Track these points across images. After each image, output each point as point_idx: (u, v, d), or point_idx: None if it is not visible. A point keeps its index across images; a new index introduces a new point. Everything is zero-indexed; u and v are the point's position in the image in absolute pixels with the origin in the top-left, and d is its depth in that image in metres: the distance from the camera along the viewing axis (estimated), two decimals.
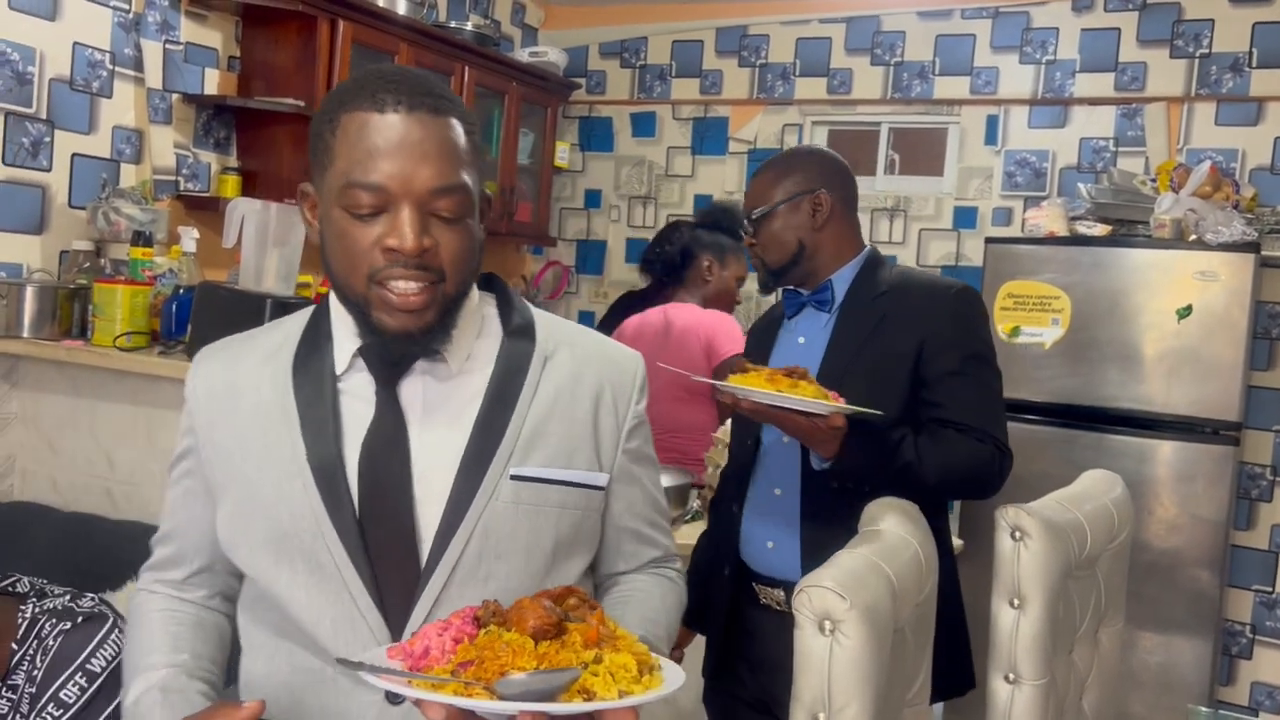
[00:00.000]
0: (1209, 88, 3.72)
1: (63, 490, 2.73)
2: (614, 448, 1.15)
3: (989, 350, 1.86)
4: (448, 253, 1.04)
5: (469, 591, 1.05)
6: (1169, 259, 3.20)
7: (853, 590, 1.22)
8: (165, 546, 1.22)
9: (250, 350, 1.17)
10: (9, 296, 2.60)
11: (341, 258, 1.05)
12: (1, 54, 2.69)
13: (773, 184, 1.93)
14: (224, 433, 1.13)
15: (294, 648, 1.10)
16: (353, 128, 1.02)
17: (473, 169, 1.06)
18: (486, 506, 1.06)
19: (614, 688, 0.84)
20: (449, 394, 1.10)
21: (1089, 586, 1.99)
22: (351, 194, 1.02)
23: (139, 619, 1.20)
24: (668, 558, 1.26)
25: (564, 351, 1.15)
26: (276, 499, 1.08)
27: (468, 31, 3.94)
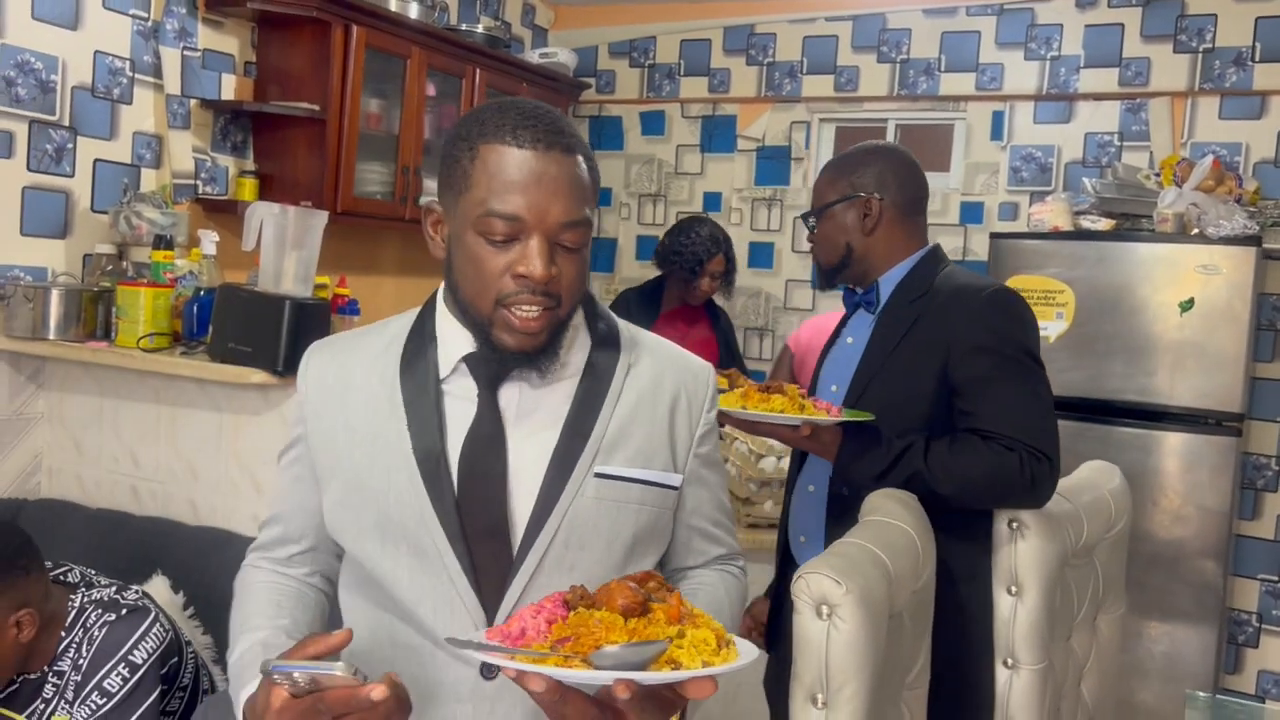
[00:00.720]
0: (1212, 82, 3.75)
1: (88, 487, 2.81)
2: (687, 451, 1.24)
3: (1023, 353, 1.78)
4: (567, 280, 1.13)
5: (555, 578, 1.13)
6: (1172, 253, 3.24)
7: (848, 576, 1.28)
8: (273, 528, 1.31)
9: (359, 347, 1.26)
10: (35, 299, 2.67)
11: (473, 279, 1.13)
12: (25, 63, 2.76)
13: (830, 184, 1.95)
14: (332, 423, 1.21)
15: (395, 624, 1.18)
16: (492, 159, 1.11)
17: (594, 203, 1.17)
18: (573, 501, 1.15)
19: (698, 658, 0.90)
20: (542, 398, 1.18)
21: (1087, 574, 2.04)
22: (488, 222, 1.10)
23: (245, 589, 1.28)
24: (732, 555, 1.33)
25: (646, 360, 1.24)
26: (384, 488, 1.16)
27: (478, 34, 4.00)
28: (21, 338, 2.68)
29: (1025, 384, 1.77)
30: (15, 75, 2.74)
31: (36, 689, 1.81)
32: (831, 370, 2.02)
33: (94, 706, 1.74)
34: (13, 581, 1.73)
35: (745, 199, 4.56)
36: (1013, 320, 1.81)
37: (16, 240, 2.78)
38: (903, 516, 1.61)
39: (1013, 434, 1.72)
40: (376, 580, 1.18)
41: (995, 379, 1.75)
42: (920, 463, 1.73)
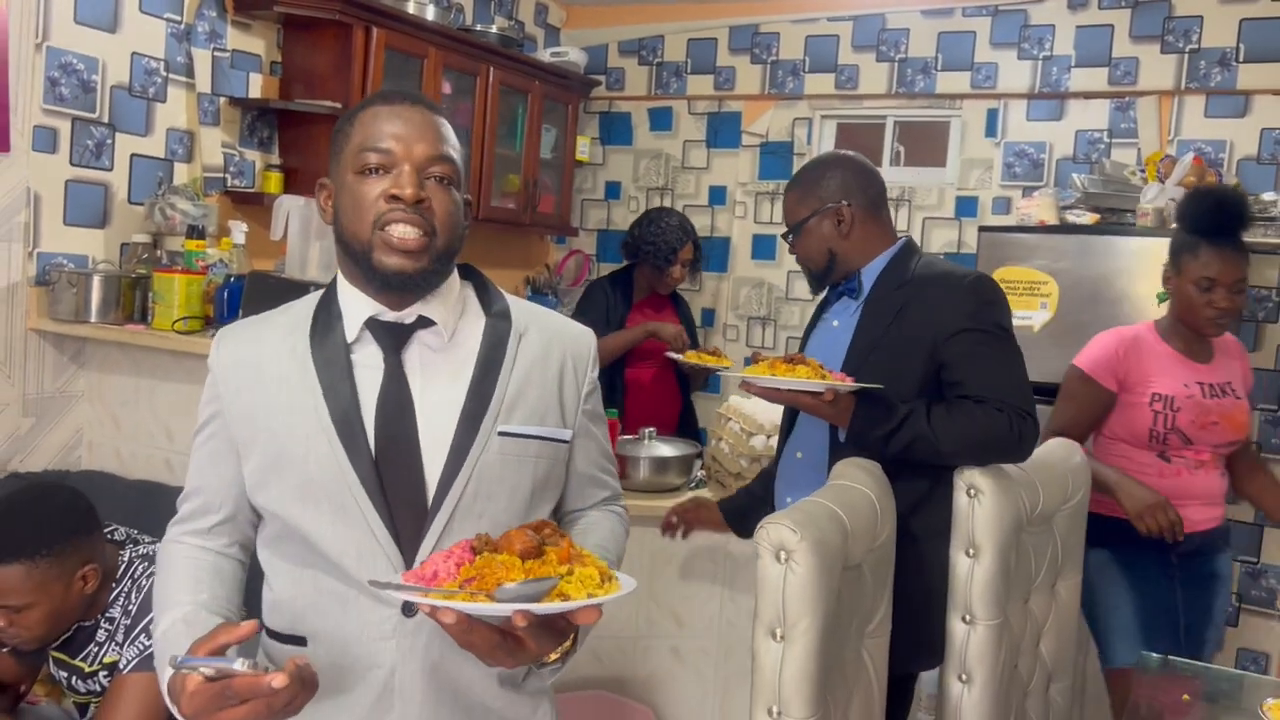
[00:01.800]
0: (1198, 81, 3.89)
1: (125, 460, 3.01)
2: (575, 409, 1.40)
3: (1002, 330, 2.01)
4: (439, 209, 1.28)
5: (466, 526, 1.27)
6: (1151, 246, 3.38)
7: (805, 526, 1.46)
8: (192, 501, 1.41)
9: (267, 328, 1.38)
10: (77, 285, 2.87)
11: (351, 210, 1.28)
12: (68, 64, 2.96)
13: (799, 202, 2.15)
14: (248, 397, 1.33)
15: (318, 574, 1.30)
16: (368, 116, 1.30)
17: (459, 157, 1.32)
18: (480, 456, 1.29)
19: (583, 591, 1.07)
20: (442, 362, 1.33)
21: (1045, 541, 2.21)
22: (363, 156, 1.27)
23: (166, 565, 1.38)
24: (615, 497, 1.51)
25: (534, 330, 1.38)
26: (304, 454, 1.28)
27: (492, 34, 4.17)
28: (65, 320, 2.89)
29: (1006, 355, 2.01)
30: (59, 76, 2.94)
31: (90, 635, 2.01)
32: (817, 352, 2.19)
33: (141, 647, 1.94)
34: (81, 541, 1.93)
35: (749, 193, 4.73)
36: (991, 303, 2.03)
37: (60, 230, 2.99)
38: (865, 481, 1.78)
39: (1001, 397, 1.94)
40: (301, 537, 1.29)
41: (980, 353, 1.98)
42: (924, 424, 1.93)
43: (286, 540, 1.32)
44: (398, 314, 1.31)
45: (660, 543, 2.77)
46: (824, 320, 2.23)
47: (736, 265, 4.76)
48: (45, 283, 2.93)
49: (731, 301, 4.78)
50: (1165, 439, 2.57)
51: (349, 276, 1.34)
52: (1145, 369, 2.61)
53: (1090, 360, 2.68)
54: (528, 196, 4.43)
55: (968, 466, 1.96)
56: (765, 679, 1.46)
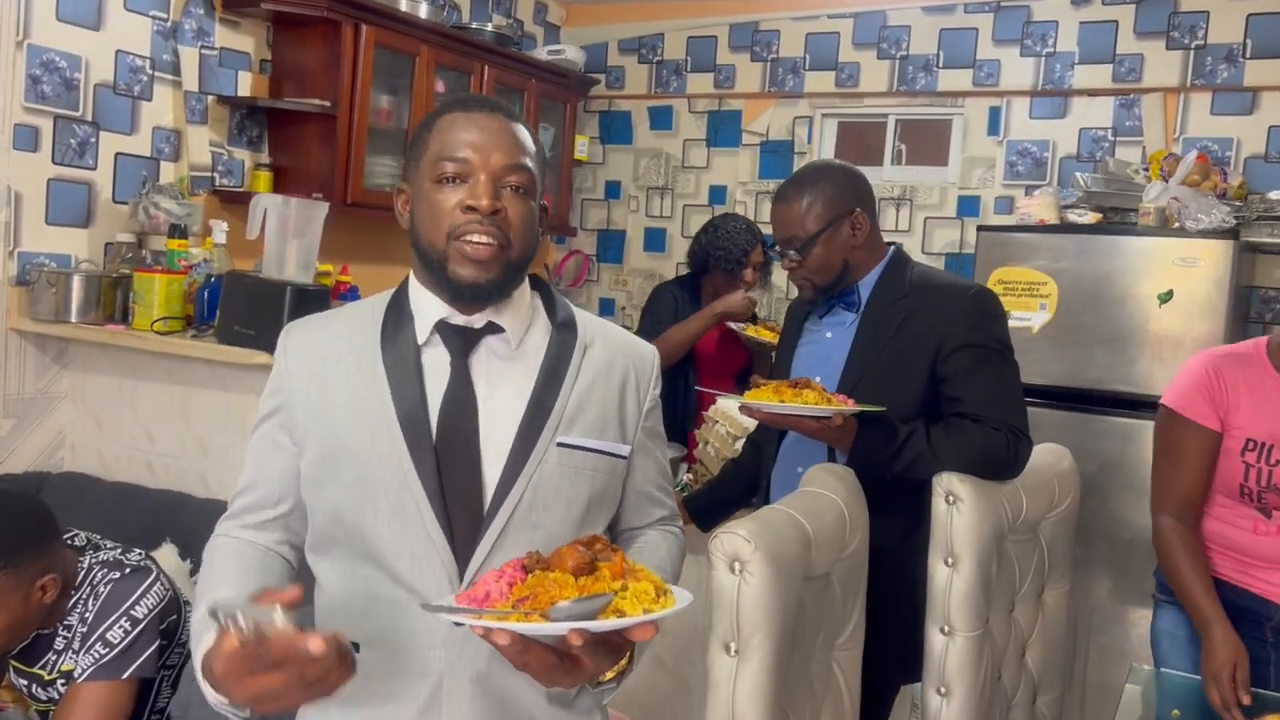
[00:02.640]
0: (1204, 78, 3.81)
1: (107, 462, 2.99)
2: (635, 425, 1.38)
3: (1003, 345, 2.00)
4: (514, 218, 1.27)
5: (521, 535, 1.25)
6: (1152, 246, 3.31)
7: (760, 536, 1.40)
8: (247, 495, 1.38)
9: (336, 324, 1.38)
10: (57, 285, 2.84)
11: (428, 220, 1.28)
12: (50, 62, 2.94)
13: (810, 210, 2.04)
14: (314, 390, 1.32)
15: (370, 575, 1.28)
16: (445, 123, 1.30)
17: (537, 165, 1.32)
18: (538, 467, 1.27)
19: (639, 607, 1.04)
20: (508, 369, 1.32)
21: (1030, 549, 2.15)
22: (440, 166, 1.27)
23: (212, 556, 1.36)
24: (672, 517, 1.48)
25: (599, 343, 1.38)
26: (368, 448, 1.27)
27: (488, 32, 4.13)
28: (45, 320, 2.87)
29: (1005, 373, 1.99)
30: (41, 74, 2.91)
31: (49, 643, 1.98)
32: (810, 363, 2.13)
33: (97, 655, 1.90)
34: (39, 551, 1.89)
35: (749, 192, 4.67)
36: (993, 317, 2.01)
37: (42, 229, 2.96)
38: (835, 488, 1.73)
39: (999, 417, 1.93)
40: (356, 535, 1.27)
41: (980, 370, 1.95)
42: (924, 445, 1.91)
43: (339, 540, 1.31)
44: (468, 318, 1.31)
45: None
46: (814, 332, 2.17)
47: None
48: (25, 283, 2.91)
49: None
50: (1261, 497, 2.06)
51: (422, 279, 1.34)
52: (1240, 401, 2.07)
53: (1178, 395, 2.15)
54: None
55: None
56: (719, 696, 1.40)
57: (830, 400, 1.87)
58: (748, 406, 1.89)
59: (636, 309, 4.94)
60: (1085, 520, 3.28)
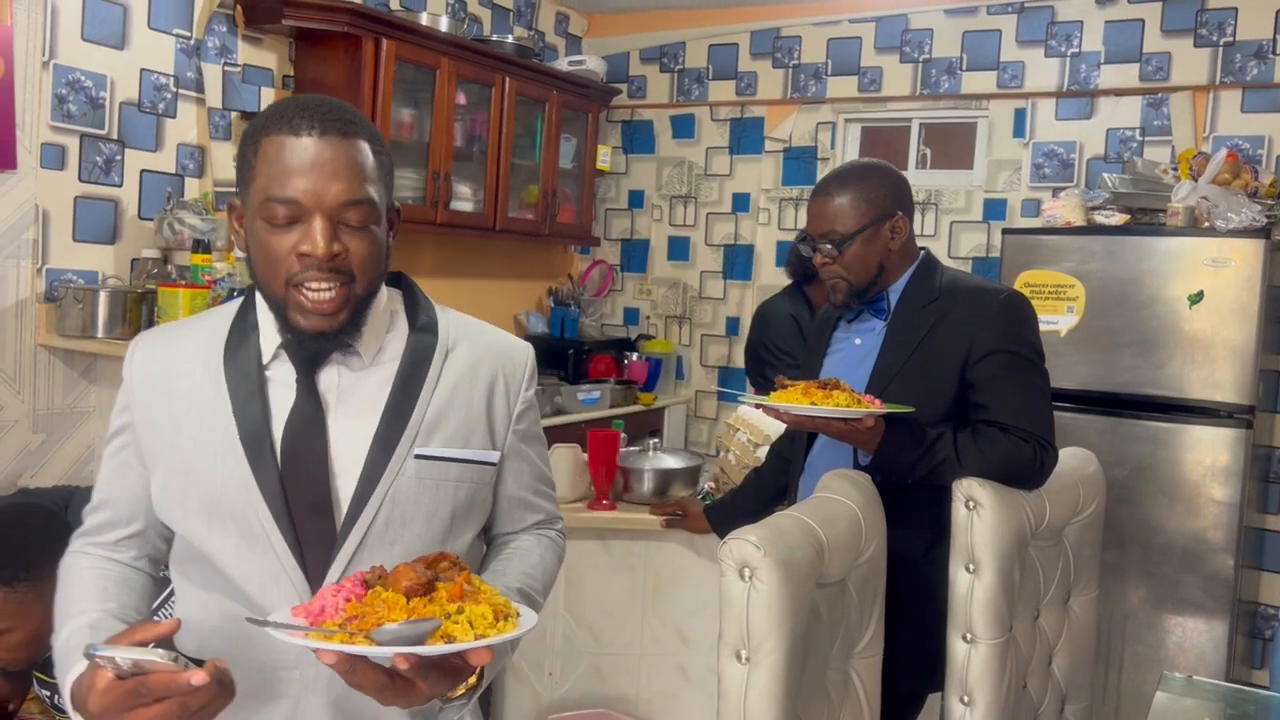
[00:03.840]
0: (1233, 75, 3.75)
1: None
2: (505, 429, 1.31)
3: (1033, 352, 1.96)
4: (357, 258, 1.17)
5: (379, 553, 1.20)
6: (1181, 246, 3.26)
7: (770, 543, 1.38)
8: (99, 514, 1.32)
9: (183, 338, 1.30)
10: (84, 301, 2.88)
11: (263, 265, 1.18)
12: (76, 81, 2.98)
13: (851, 208, 1.98)
14: (159, 411, 1.25)
15: (223, 599, 1.22)
16: (271, 149, 1.16)
17: (379, 184, 1.20)
18: (394, 481, 1.20)
19: (471, 633, 1.01)
20: (361, 382, 1.24)
21: (1055, 555, 2.11)
22: (270, 208, 1.15)
23: (69, 576, 1.29)
24: (550, 520, 1.42)
25: (463, 345, 1.29)
26: (211, 470, 1.21)
27: (508, 44, 4.15)
28: (72, 336, 2.90)
29: (1035, 381, 1.95)
30: (67, 93, 2.96)
31: None
32: (839, 370, 2.10)
33: None
34: (58, 562, 1.91)
35: (773, 199, 4.65)
36: (1024, 323, 1.97)
37: (69, 246, 3.01)
38: (850, 494, 1.71)
39: (1027, 426, 1.90)
40: (205, 558, 1.23)
41: (1009, 377, 1.92)
42: (950, 450, 1.88)
43: (192, 561, 1.27)
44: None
45: (665, 558, 2.70)
46: (842, 340, 2.15)
47: (761, 273, 4.68)
48: (53, 299, 2.95)
49: None
50: None
51: (266, 301, 1.24)
52: None
53: None
54: (546, 207, 4.40)
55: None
56: (730, 703, 1.38)
57: (859, 401, 1.84)
58: (774, 408, 1.86)
59: (661, 318, 4.94)
60: (1117, 526, 3.23)
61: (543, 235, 4.46)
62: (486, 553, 1.37)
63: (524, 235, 4.38)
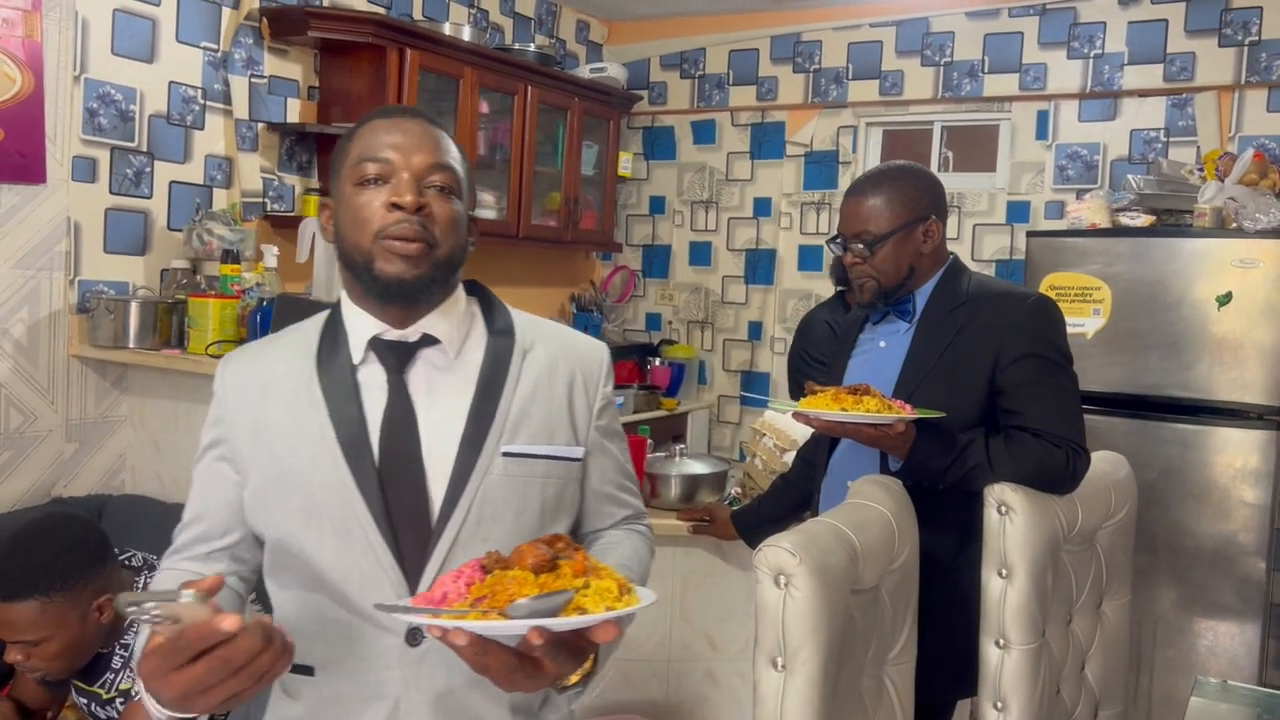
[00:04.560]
0: (1259, 75, 3.73)
1: (166, 483, 3.05)
2: (587, 425, 1.35)
3: (1063, 356, 1.94)
4: (441, 217, 1.25)
5: (471, 550, 1.23)
6: (1209, 247, 3.24)
7: (805, 550, 1.39)
8: (192, 529, 1.36)
9: (274, 351, 1.36)
10: (115, 312, 2.91)
11: (351, 224, 1.25)
12: (107, 95, 3.02)
13: (886, 209, 1.98)
14: (254, 419, 1.31)
15: (322, 601, 1.26)
16: (365, 131, 1.29)
17: (463, 170, 1.30)
18: (483, 479, 1.25)
19: (601, 604, 1.00)
20: (447, 381, 1.30)
21: (1087, 560, 2.10)
22: (362, 168, 1.25)
23: (160, 586, 1.33)
24: (637, 515, 1.45)
25: (540, 345, 1.35)
26: (309, 473, 1.25)
27: (530, 53, 4.17)
28: (104, 346, 2.93)
29: (1065, 386, 1.93)
30: (98, 107, 3.00)
31: (107, 662, 2.02)
32: (864, 373, 2.10)
33: None
34: (94, 573, 1.93)
35: (794, 203, 4.65)
36: (1053, 327, 1.96)
37: (100, 257, 3.04)
38: (882, 500, 1.71)
39: (1059, 432, 1.88)
40: (304, 561, 1.26)
41: (1041, 382, 1.90)
42: (982, 456, 1.86)
43: (289, 566, 1.29)
44: (402, 332, 1.29)
45: (693, 564, 2.70)
46: (867, 342, 2.14)
47: (783, 277, 4.69)
48: (85, 310, 2.98)
49: (778, 314, 4.70)
50: None
51: (353, 295, 1.31)
52: None
53: None
54: (569, 213, 4.41)
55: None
56: (766, 711, 1.39)
57: (890, 407, 1.83)
58: (804, 415, 1.86)
59: (683, 323, 4.95)
60: (1146, 530, 3.21)
61: (565, 242, 4.48)
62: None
63: (546, 242, 4.40)
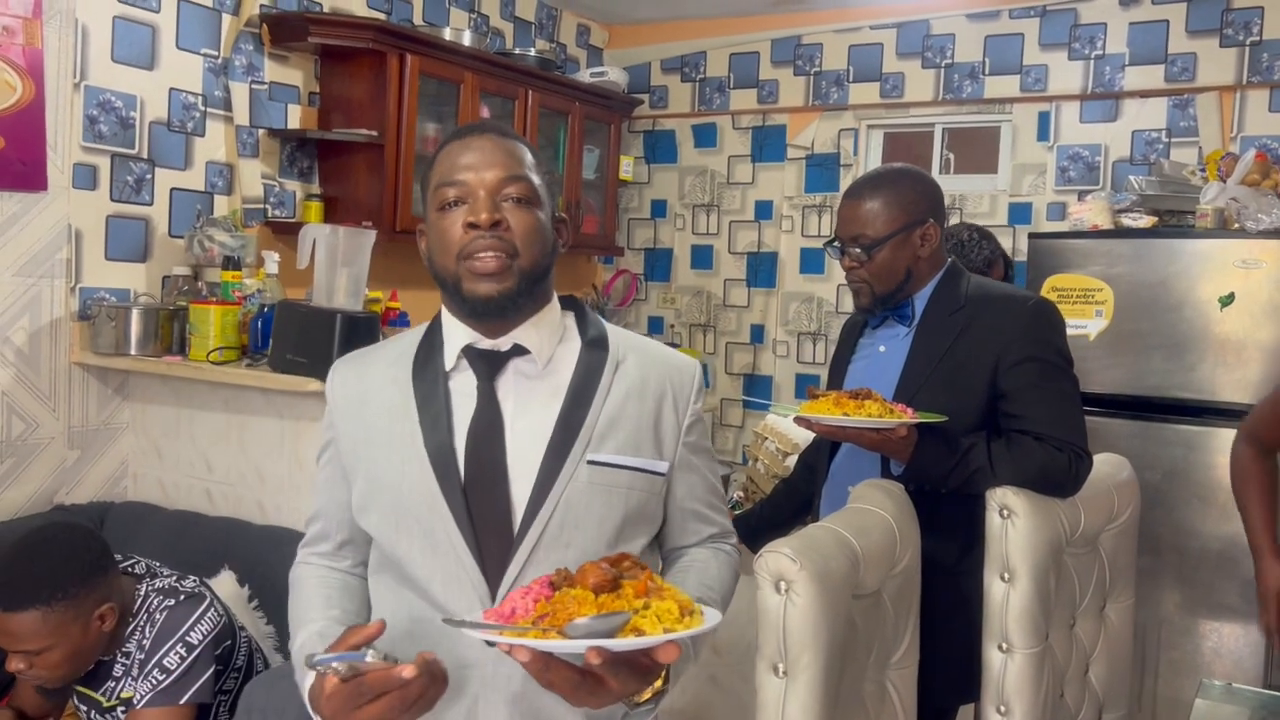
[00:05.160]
0: (1261, 75, 3.72)
1: (168, 490, 3.05)
2: (675, 440, 1.37)
3: (1064, 359, 1.95)
4: (519, 230, 1.28)
5: (552, 555, 1.26)
6: (1211, 248, 3.23)
7: (805, 555, 1.38)
8: (316, 524, 1.46)
9: (377, 359, 1.42)
10: (117, 319, 2.91)
11: (438, 246, 1.31)
12: (107, 102, 3.02)
13: (884, 212, 1.97)
14: (356, 425, 1.38)
15: (413, 601, 1.31)
16: (444, 156, 1.34)
17: (539, 175, 1.34)
18: (568, 485, 1.28)
19: (659, 626, 1.02)
20: (536, 390, 1.33)
21: (1090, 563, 2.09)
22: (442, 193, 1.30)
23: (298, 584, 1.43)
24: (724, 534, 1.46)
25: (632, 358, 1.38)
26: (399, 479, 1.31)
27: (531, 57, 4.17)
28: (106, 354, 2.93)
29: (1066, 389, 1.94)
30: (98, 114, 3.00)
31: (108, 670, 2.02)
32: (864, 378, 2.09)
33: (155, 681, 1.93)
34: (96, 582, 1.94)
35: (796, 206, 4.65)
36: (1054, 329, 1.96)
37: (101, 264, 3.04)
38: (883, 504, 1.70)
39: (1062, 435, 1.88)
40: (396, 562, 1.32)
41: (1042, 385, 1.90)
42: (984, 460, 1.87)
43: (386, 566, 1.36)
44: (494, 342, 1.32)
45: None
46: (866, 346, 2.14)
47: (785, 280, 4.68)
48: (87, 317, 2.99)
49: (781, 317, 4.69)
50: None
51: (450, 309, 1.37)
52: None
53: None
54: (570, 217, 4.41)
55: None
56: (769, 716, 1.38)
57: (892, 411, 1.83)
58: (806, 419, 1.86)
59: (685, 326, 4.95)
60: (1150, 531, 3.20)
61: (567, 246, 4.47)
62: (662, 568, 1.42)
63: None
